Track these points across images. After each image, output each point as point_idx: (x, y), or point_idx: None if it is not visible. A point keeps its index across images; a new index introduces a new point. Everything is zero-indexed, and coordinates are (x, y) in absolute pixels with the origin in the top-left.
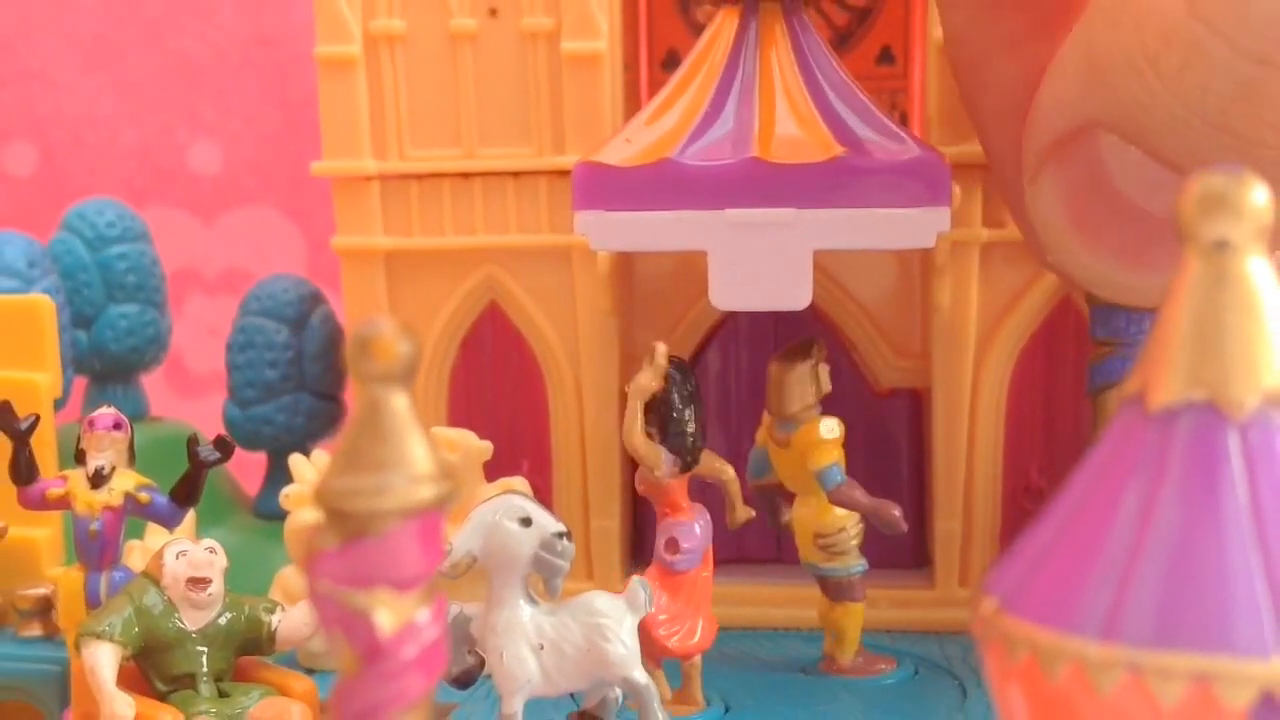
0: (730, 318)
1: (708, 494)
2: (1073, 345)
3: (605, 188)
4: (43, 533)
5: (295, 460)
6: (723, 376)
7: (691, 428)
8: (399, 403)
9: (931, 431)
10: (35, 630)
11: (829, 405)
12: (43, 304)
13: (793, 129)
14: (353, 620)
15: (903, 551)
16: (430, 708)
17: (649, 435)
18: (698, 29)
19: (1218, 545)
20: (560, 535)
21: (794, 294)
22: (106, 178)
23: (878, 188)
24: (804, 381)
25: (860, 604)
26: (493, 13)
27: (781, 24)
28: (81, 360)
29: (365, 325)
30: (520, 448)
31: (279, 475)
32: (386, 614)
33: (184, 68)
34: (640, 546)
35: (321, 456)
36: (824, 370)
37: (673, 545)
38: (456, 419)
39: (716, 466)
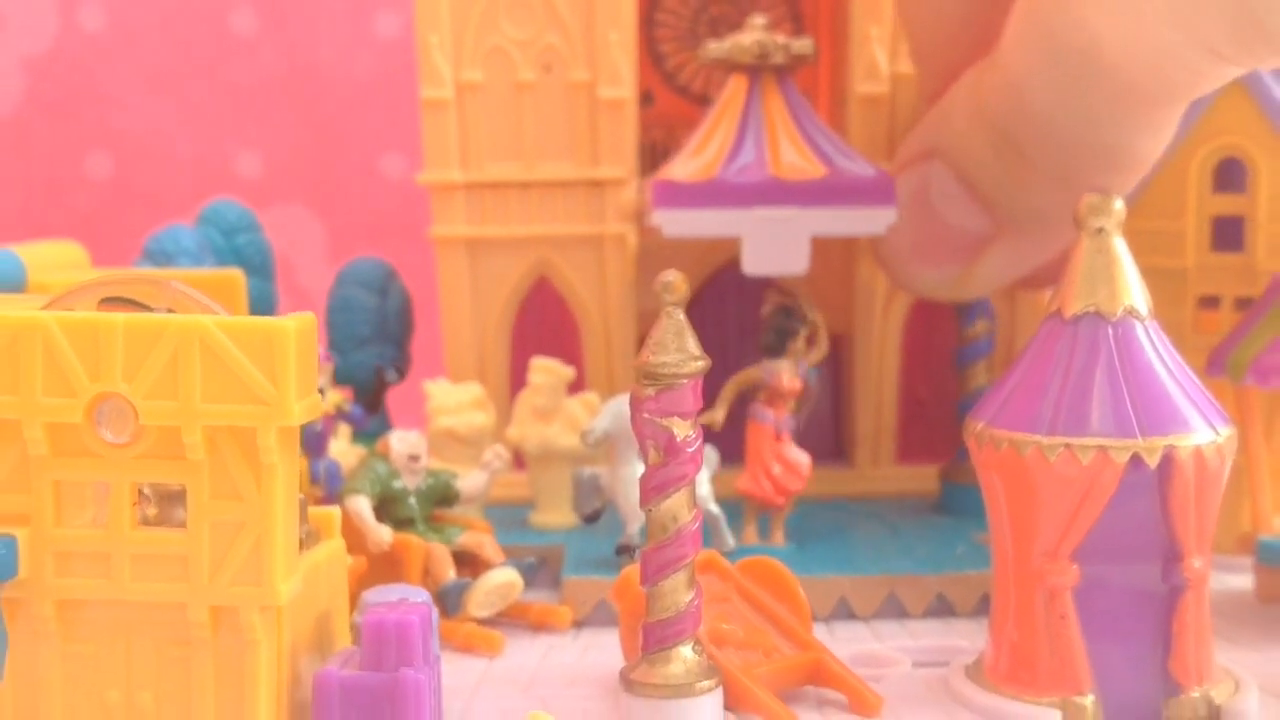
0: (709, 284)
1: None
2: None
3: (674, 194)
4: None
5: (429, 385)
6: (712, 325)
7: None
8: (681, 316)
9: (852, 362)
10: None
11: None
12: (236, 276)
13: (793, 157)
14: (661, 433)
15: (829, 445)
16: (693, 487)
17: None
18: (667, 75)
19: (1102, 383)
20: None
21: (796, 264)
22: (170, 181)
23: (849, 194)
24: None
25: None
26: (547, 68)
27: (776, 85)
28: None
29: (667, 274)
30: None
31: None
32: (679, 430)
33: (232, 93)
34: None
35: (443, 383)
36: None
37: None
38: (516, 361)
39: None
